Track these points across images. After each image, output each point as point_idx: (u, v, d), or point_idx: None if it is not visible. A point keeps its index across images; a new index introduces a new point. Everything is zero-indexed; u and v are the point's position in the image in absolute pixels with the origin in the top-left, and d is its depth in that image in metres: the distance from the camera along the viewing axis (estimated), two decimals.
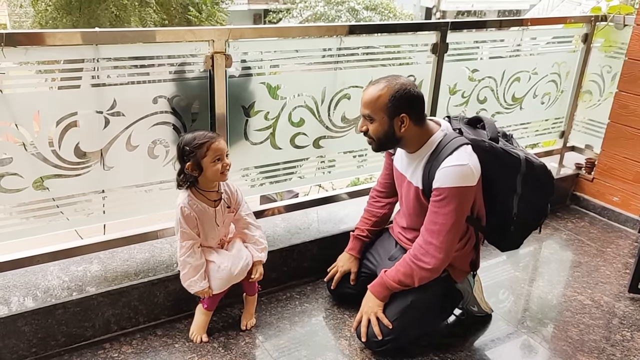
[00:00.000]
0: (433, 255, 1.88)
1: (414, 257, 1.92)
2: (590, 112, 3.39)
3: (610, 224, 3.15)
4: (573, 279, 2.58)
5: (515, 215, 2.01)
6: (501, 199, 2.00)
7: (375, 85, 1.91)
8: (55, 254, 2.05)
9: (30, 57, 1.76)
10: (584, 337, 2.17)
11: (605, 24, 3.16)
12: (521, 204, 2.00)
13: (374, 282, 2.02)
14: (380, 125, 1.90)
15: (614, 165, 3.16)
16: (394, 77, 1.91)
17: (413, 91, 1.89)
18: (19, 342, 1.89)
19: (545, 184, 2.02)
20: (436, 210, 1.88)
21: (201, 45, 2.03)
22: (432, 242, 1.89)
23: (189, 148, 1.86)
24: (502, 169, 1.94)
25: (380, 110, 1.88)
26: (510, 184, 1.97)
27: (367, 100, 1.90)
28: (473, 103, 2.91)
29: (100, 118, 1.93)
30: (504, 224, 2.05)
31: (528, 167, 1.96)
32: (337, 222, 2.63)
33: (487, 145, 1.91)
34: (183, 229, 1.91)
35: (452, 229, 1.87)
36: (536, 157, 2.02)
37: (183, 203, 1.91)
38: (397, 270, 1.95)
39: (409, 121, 1.89)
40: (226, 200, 2.01)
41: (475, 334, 2.18)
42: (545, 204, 2.08)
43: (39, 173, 1.89)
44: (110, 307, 2.03)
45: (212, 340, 2.04)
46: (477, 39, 2.87)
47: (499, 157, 1.93)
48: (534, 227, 2.12)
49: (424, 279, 1.92)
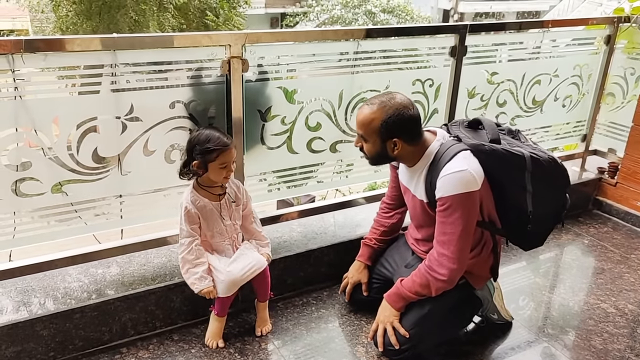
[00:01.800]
0: (447, 267, 1.85)
1: (429, 268, 1.89)
2: (613, 115, 3.32)
3: (634, 230, 3.07)
4: (596, 286, 2.52)
5: (531, 213, 1.95)
6: (513, 199, 1.95)
7: (369, 106, 1.89)
8: (73, 259, 2.06)
9: (49, 63, 1.78)
10: (607, 347, 2.11)
11: (629, 25, 3.09)
12: (536, 201, 1.94)
13: (390, 292, 1.99)
14: (373, 147, 1.91)
15: (638, 169, 3.08)
16: (389, 98, 1.88)
17: (406, 114, 1.86)
18: (37, 346, 1.90)
19: (556, 177, 1.96)
20: (443, 220, 1.85)
21: (218, 50, 2.03)
22: (445, 253, 1.86)
23: (200, 148, 1.88)
24: (507, 170, 1.89)
25: (373, 133, 1.88)
26: (519, 183, 1.91)
27: (360, 121, 1.90)
28: (492, 106, 2.87)
29: (118, 123, 1.94)
30: (520, 224, 1.99)
31: (535, 164, 1.89)
32: (353, 226, 2.60)
33: (487, 149, 1.87)
34: (182, 227, 1.94)
35: (461, 236, 1.83)
36: (544, 151, 1.95)
37: (186, 201, 1.94)
38: (413, 281, 1.93)
39: (402, 144, 1.88)
40: (231, 194, 2.02)
41: (495, 341, 2.14)
42: (562, 197, 2.01)
43: (58, 178, 1.91)
44: (127, 312, 2.03)
45: (228, 345, 2.04)
46: (497, 42, 2.83)
47: (501, 158, 1.88)
48: (555, 221, 2.06)
49: (440, 289, 1.89)
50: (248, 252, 2.03)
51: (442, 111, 2.67)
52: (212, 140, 1.88)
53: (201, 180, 1.97)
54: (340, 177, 2.58)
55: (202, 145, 1.88)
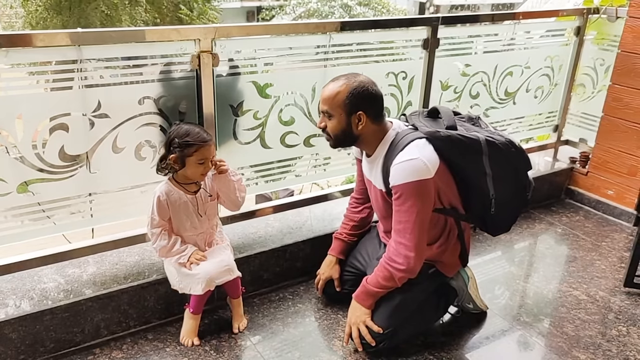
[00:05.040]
0: (405, 255, 1.86)
1: (388, 259, 1.90)
2: (584, 106, 3.37)
3: (605, 218, 3.13)
4: (568, 274, 2.56)
5: (494, 196, 1.97)
6: (474, 184, 1.97)
7: (334, 82, 1.90)
8: (43, 259, 2.02)
9: (11, 59, 1.73)
10: (579, 333, 2.15)
11: (598, 17, 3.14)
12: (496, 184, 1.96)
13: (358, 291, 1.99)
14: (338, 123, 1.90)
15: (608, 158, 3.14)
16: (354, 75, 1.91)
17: (371, 89, 1.89)
18: (6, 349, 1.86)
19: (514, 159, 1.97)
20: (398, 208, 1.87)
21: (187, 45, 1.99)
22: (401, 241, 1.86)
23: (179, 141, 1.85)
24: (465, 155, 1.91)
25: (338, 106, 1.88)
26: (478, 167, 1.93)
27: (325, 96, 1.90)
28: (465, 98, 2.89)
29: (85, 120, 1.89)
30: (484, 208, 2.01)
31: (491, 147, 1.91)
32: (330, 220, 2.60)
33: (442, 135, 1.88)
34: (153, 216, 1.92)
35: (416, 224, 1.84)
36: (502, 135, 1.98)
37: (160, 190, 1.92)
38: (376, 275, 1.93)
39: (366, 119, 1.88)
40: (206, 189, 2.00)
41: (471, 331, 2.16)
42: (523, 180, 2.03)
43: (23, 177, 1.86)
44: (99, 312, 1.99)
45: (203, 343, 2.02)
46: (469, 34, 2.84)
47: (457, 143, 1.89)
48: (520, 205, 2.08)
49: (403, 279, 1.90)
50: (224, 253, 2.01)
51: (416, 103, 2.68)
52: (192, 134, 1.86)
53: (177, 176, 1.94)
54: (317, 170, 2.57)
55: (181, 139, 1.85)
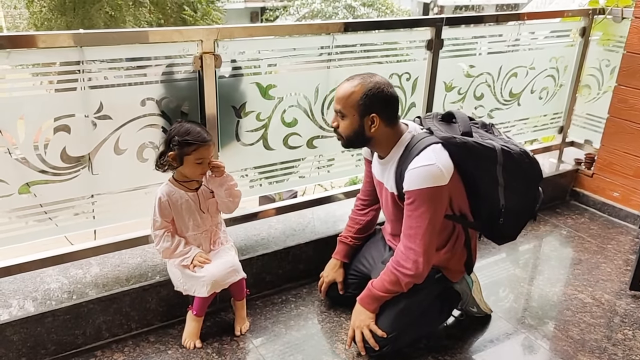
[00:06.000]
0: (414, 260, 1.83)
1: (396, 264, 1.88)
2: (589, 107, 3.35)
3: (610, 220, 3.10)
4: (573, 277, 2.54)
5: (504, 206, 1.96)
6: (485, 192, 1.94)
7: (349, 81, 1.88)
8: (44, 261, 2.01)
9: (12, 61, 1.72)
10: (585, 337, 2.13)
11: (603, 17, 3.12)
12: (507, 194, 1.94)
13: (362, 295, 1.97)
14: (351, 123, 1.88)
15: (613, 160, 3.11)
16: (370, 75, 1.88)
17: (387, 91, 1.86)
18: (7, 352, 1.85)
19: (528, 171, 1.96)
20: (410, 214, 1.84)
21: (189, 46, 1.98)
22: (411, 246, 1.84)
23: (179, 139, 1.86)
24: (479, 162, 1.89)
25: (352, 107, 1.86)
26: (491, 176, 1.91)
27: (340, 95, 1.88)
28: (470, 99, 2.87)
29: (87, 122, 1.88)
30: (493, 217, 1.99)
31: (506, 157, 1.90)
32: (333, 222, 2.58)
33: (458, 141, 1.86)
34: (155, 218, 1.92)
35: (427, 230, 1.82)
36: (517, 144, 1.96)
37: (161, 192, 1.93)
38: (382, 279, 1.91)
39: (379, 121, 1.86)
40: (206, 185, 2.00)
41: (475, 334, 2.14)
42: (534, 191, 2.02)
43: (25, 179, 1.85)
44: (101, 314, 1.99)
45: (205, 346, 2.01)
46: (473, 35, 2.82)
47: (472, 150, 1.87)
48: (527, 216, 2.06)
49: (409, 284, 1.88)
50: (229, 255, 2.00)
51: (420, 105, 2.66)
52: (192, 133, 1.87)
53: (177, 176, 1.95)
54: (321, 172, 2.55)
55: (181, 137, 1.86)
